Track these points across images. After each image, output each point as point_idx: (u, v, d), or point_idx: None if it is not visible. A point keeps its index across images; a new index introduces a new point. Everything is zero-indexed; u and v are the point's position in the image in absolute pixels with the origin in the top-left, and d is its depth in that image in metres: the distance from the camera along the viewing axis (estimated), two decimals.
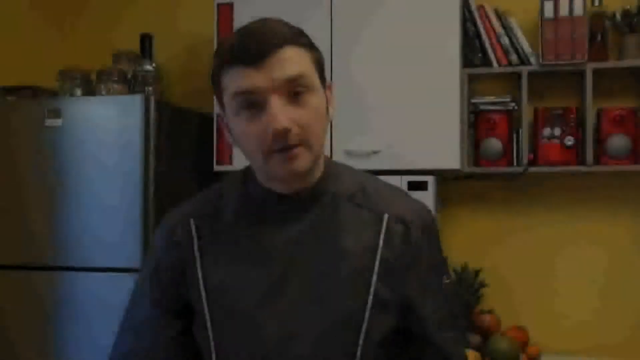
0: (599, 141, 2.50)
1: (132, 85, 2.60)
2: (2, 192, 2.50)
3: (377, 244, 1.12)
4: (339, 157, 2.45)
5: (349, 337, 1.06)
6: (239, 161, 2.58)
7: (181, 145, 2.63)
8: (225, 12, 2.62)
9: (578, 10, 2.47)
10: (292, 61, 1.03)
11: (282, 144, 1.02)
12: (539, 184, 2.71)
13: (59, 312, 2.43)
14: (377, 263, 1.11)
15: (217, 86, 1.10)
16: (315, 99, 1.06)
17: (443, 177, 2.60)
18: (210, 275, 1.13)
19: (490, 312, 2.37)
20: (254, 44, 1.01)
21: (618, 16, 2.54)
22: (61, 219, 2.44)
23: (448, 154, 2.39)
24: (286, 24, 1.08)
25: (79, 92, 2.57)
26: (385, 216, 1.14)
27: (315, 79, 1.08)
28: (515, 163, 2.57)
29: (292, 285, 1.09)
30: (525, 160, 2.53)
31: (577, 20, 2.46)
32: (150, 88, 2.58)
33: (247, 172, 1.18)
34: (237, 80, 1.03)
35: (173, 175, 2.54)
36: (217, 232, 1.15)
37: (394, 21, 2.44)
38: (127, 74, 2.61)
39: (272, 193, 1.13)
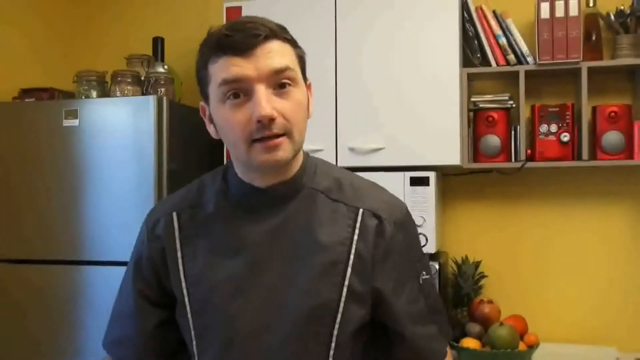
0: (594, 137, 2.49)
1: (145, 86, 2.59)
2: (22, 190, 2.51)
3: (352, 238, 1.11)
4: (343, 154, 2.47)
5: (323, 328, 1.06)
6: None
7: (192, 144, 2.63)
8: (234, 14, 2.60)
9: (573, 11, 2.45)
10: (278, 53, 1.04)
11: (266, 133, 1.02)
12: (537, 179, 2.71)
13: (77, 304, 2.45)
14: (351, 256, 1.10)
15: (202, 77, 1.10)
16: (299, 93, 1.07)
17: (444, 172, 2.61)
18: (190, 266, 1.13)
19: (490, 302, 2.39)
20: (243, 35, 1.02)
21: (612, 16, 2.52)
22: (79, 215, 2.46)
23: (449, 150, 2.39)
24: (272, 21, 1.08)
25: (94, 93, 2.56)
26: (360, 210, 1.13)
27: (299, 74, 1.08)
28: (513, 159, 2.57)
29: (267, 277, 1.09)
30: (523, 156, 2.53)
31: (572, 21, 2.45)
32: (163, 89, 2.57)
33: (227, 167, 1.19)
34: (225, 69, 1.03)
35: (185, 172, 2.54)
36: (197, 225, 1.15)
37: (396, 23, 2.44)
38: (140, 76, 2.61)
39: (250, 186, 1.12)
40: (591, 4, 2.54)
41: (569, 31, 2.45)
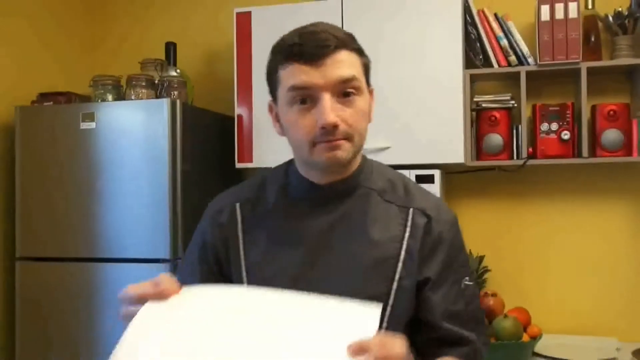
0: (594, 135, 2.51)
1: (159, 90, 2.61)
2: (42, 190, 2.54)
3: (404, 235, 1.15)
4: None
5: None
6: (259, 159, 2.62)
7: (205, 145, 2.66)
8: (243, 20, 2.64)
9: (572, 13, 2.47)
10: (346, 64, 1.07)
11: (329, 138, 1.06)
12: (538, 176, 2.73)
13: (94, 300, 2.47)
14: (402, 252, 1.13)
15: (272, 79, 1.13)
16: (362, 101, 1.10)
17: (448, 170, 2.63)
18: (250, 255, 1.17)
19: (494, 295, 2.41)
20: (313, 44, 1.05)
21: (610, 18, 2.53)
22: (96, 214, 2.48)
23: (453, 149, 2.42)
24: (341, 29, 1.11)
25: (110, 97, 2.59)
26: (411, 210, 1.17)
27: (363, 83, 1.11)
28: (515, 157, 2.59)
29: (322, 269, 1.13)
30: (524, 154, 2.55)
31: (572, 23, 2.46)
32: (176, 92, 2.59)
33: (289, 164, 1.23)
34: (295, 75, 1.06)
35: (198, 172, 2.57)
36: (258, 216, 1.19)
37: (402, 26, 2.47)
38: (154, 79, 2.63)
39: (310, 183, 1.16)
40: (590, 6, 2.56)
41: (569, 33, 2.47)
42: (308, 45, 1.05)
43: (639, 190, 2.65)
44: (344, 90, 1.07)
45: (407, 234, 1.15)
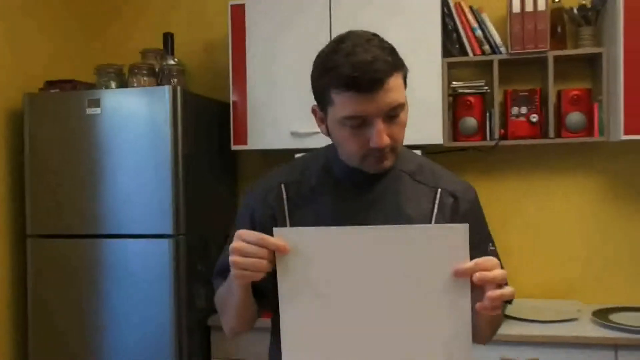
0: (559, 118, 2.56)
1: (159, 78, 2.63)
2: (50, 171, 2.54)
3: (432, 212, 1.21)
4: None
5: None
6: (253, 142, 2.68)
7: (203, 129, 2.67)
8: (238, 11, 2.67)
9: (541, 6, 2.50)
10: (395, 91, 1.09)
11: (379, 154, 1.13)
12: (509, 155, 2.79)
13: (102, 273, 2.49)
14: None
15: (322, 95, 1.15)
16: (404, 115, 1.15)
17: (427, 151, 2.66)
18: None
19: None
20: (368, 77, 1.06)
21: (575, 10, 2.58)
22: (102, 194, 2.48)
23: (432, 131, 2.50)
24: (385, 49, 1.11)
25: (113, 84, 2.59)
26: (439, 190, 1.23)
27: (405, 98, 1.14)
28: (488, 138, 2.62)
29: None
30: (496, 135, 2.59)
31: (540, 15, 2.50)
32: (175, 80, 2.60)
33: (328, 150, 1.27)
34: (350, 105, 1.09)
35: (197, 154, 2.59)
36: (302, 196, 1.24)
37: (384, 18, 2.50)
38: (155, 68, 2.64)
39: (352, 168, 1.20)
40: (557, 0, 2.61)
41: (538, 24, 2.51)
42: (363, 79, 1.06)
43: (599, 167, 2.73)
44: (393, 114, 1.11)
45: (435, 211, 1.21)
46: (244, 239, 1.06)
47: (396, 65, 1.11)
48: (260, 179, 1.32)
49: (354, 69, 1.06)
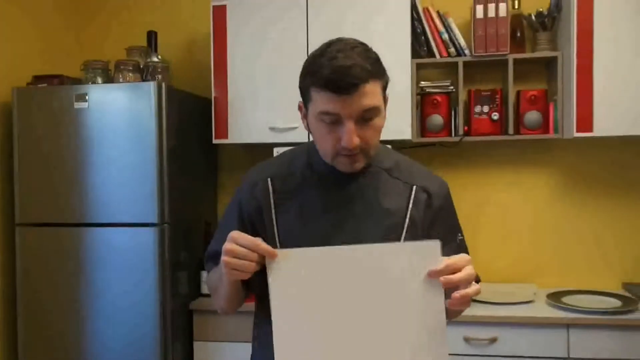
0: (518, 116, 2.62)
1: (144, 74, 2.63)
2: (39, 162, 2.53)
3: (408, 207, 1.25)
4: None
5: None
6: (233, 136, 2.71)
7: (186, 123, 2.68)
8: (220, 12, 2.68)
9: (502, 12, 2.56)
10: (369, 95, 1.13)
11: (349, 153, 1.16)
12: (472, 150, 2.84)
13: (89, 260, 2.49)
14: (407, 220, 1.24)
15: (305, 92, 1.19)
16: (379, 120, 1.17)
17: (397, 146, 2.71)
18: (282, 222, 1.25)
19: None
20: (345, 81, 1.10)
21: (533, 17, 2.65)
22: (89, 184, 2.49)
23: (401, 127, 2.54)
24: (368, 58, 1.14)
25: (100, 80, 2.59)
26: (414, 187, 1.27)
27: (382, 106, 1.17)
28: (453, 134, 2.66)
29: (344, 232, 1.21)
30: (461, 132, 2.63)
31: (501, 21, 2.57)
32: (160, 76, 2.62)
33: (311, 146, 1.29)
34: (326, 103, 1.13)
35: (180, 147, 2.60)
36: (288, 189, 1.27)
37: (358, 21, 2.54)
38: (140, 64, 2.64)
39: (331, 165, 1.23)
40: (517, 7, 2.67)
41: (499, 29, 2.57)
42: (341, 81, 1.10)
43: (554, 162, 2.82)
44: (366, 117, 1.14)
45: (410, 205, 1.25)
46: (237, 242, 1.09)
47: (374, 73, 1.14)
48: (249, 172, 1.35)
49: (332, 71, 1.11)
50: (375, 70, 1.15)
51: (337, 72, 1.11)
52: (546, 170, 2.85)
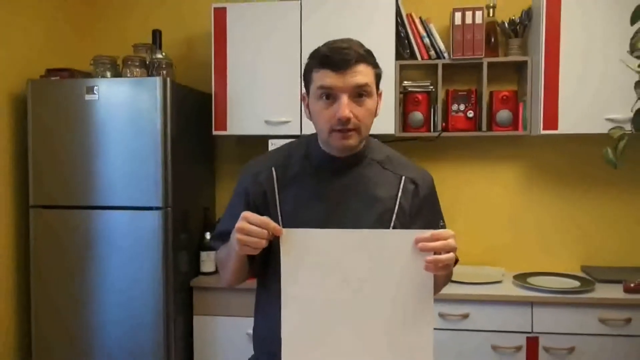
0: (491, 114, 2.66)
1: (149, 69, 2.65)
2: (52, 149, 2.55)
3: (397, 195, 1.28)
4: (305, 124, 2.57)
5: None
6: (231, 128, 2.74)
7: (188, 116, 2.70)
8: (220, 14, 2.71)
9: (478, 19, 2.60)
10: (362, 74, 1.18)
11: (342, 127, 1.19)
12: (449, 145, 2.88)
13: (97, 241, 2.52)
14: (396, 207, 1.27)
15: (307, 77, 1.24)
16: (371, 102, 1.22)
17: (382, 140, 2.76)
18: (285, 206, 1.28)
19: None
20: (339, 57, 1.17)
21: (506, 24, 2.69)
22: (99, 171, 2.51)
23: (385, 123, 2.57)
24: (363, 46, 1.21)
25: (108, 74, 2.60)
26: (403, 178, 1.30)
27: (373, 89, 1.22)
28: (432, 130, 2.69)
29: (340, 217, 1.25)
30: (439, 128, 2.67)
31: (477, 27, 2.61)
32: (165, 72, 2.63)
33: (310, 139, 1.34)
34: (324, 78, 1.19)
35: (182, 137, 2.62)
36: (289, 178, 1.31)
37: (347, 25, 2.57)
38: (146, 60, 2.65)
39: (329, 155, 1.28)
40: (491, 15, 2.71)
41: (475, 35, 2.61)
42: (335, 58, 1.17)
43: (522, 156, 2.87)
44: (358, 93, 1.18)
45: (399, 194, 1.29)
46: (248, 221, 1.13)
47: (367, 58, 1.20)
48: (249, 164, 1.39)
49: (329, 50, 1.19)
50: (369, 56, 1.21)
51: (334, 51, 1.18)
52: (515, 164, 2.89)
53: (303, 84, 1.29)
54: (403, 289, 1.15)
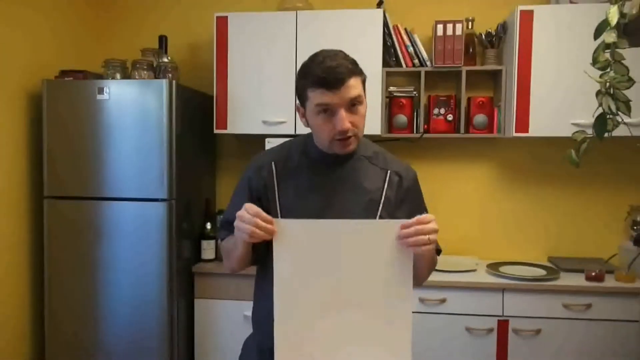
0: (468, 118, 2.68)
1: (156, 72, 2.66)
2: (65, 145, 2.56)
3: (383, 187, 1.32)
4: (300, 125, 2.60)
5: None
6: (232, 127, 2.77)
7: (191, 115, 2.72)
8: (222, 22, 2.73)
9: (458, 31, 2.64)
10: (353, 87, 1.22)
11: (343, 136, 1.23)
12: (431, 146, 2.90)
13: (106, 230, 2.53)
14: (383, 198, 1.31)
15: (302, 94, 1.27)
16: (363, 108, 1.26)
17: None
18: (284, 197, 1.32)
19: None
20: (333, 77, 1.19)
21: (483, 36, 2.73)
22: (109, 165, 2.53)
23: (372, 124, 2.58)
24: (349, 59, 1.24)
25: (118, 76, 2.62)
26: (389, 171, 1.34)
27: (363, 95, 1.26)
28: (415, 131, 2.71)
29: (334, 207, 1.29)
30: (421, 130, 2.69)
31: (457, 38, 2.64)
32: (171, 75, 2.65)
33: (307, 137, 1.37)
34: (321, 97, 1.22)
35: (186, 135, 2.64)
36: (287, 172, 1.34)
37: (338, 35, 2.61)
38: (153, 64, 2.67)
39: (324, 152, 1.32)
40: (470, 27, 2.75)
41: (455, 45, 2.64)
42: (330, 79, 1.19)
43: (496, 156, 2.90)
44: (352, 104, 1.22)
45: (386, 186, 1.33)
46: (246, 210, 1.17)
47: (355, 71, 1.24)
48: (255, 158, 1.42)
49: (323, 72, 1.20)
50: (355, 68, 1.25)
51: (327, 72, 1.20)
52: (490, 163, 2.92)
53: (297, 99, 1.32)
54: (385, 275, 1.16)
